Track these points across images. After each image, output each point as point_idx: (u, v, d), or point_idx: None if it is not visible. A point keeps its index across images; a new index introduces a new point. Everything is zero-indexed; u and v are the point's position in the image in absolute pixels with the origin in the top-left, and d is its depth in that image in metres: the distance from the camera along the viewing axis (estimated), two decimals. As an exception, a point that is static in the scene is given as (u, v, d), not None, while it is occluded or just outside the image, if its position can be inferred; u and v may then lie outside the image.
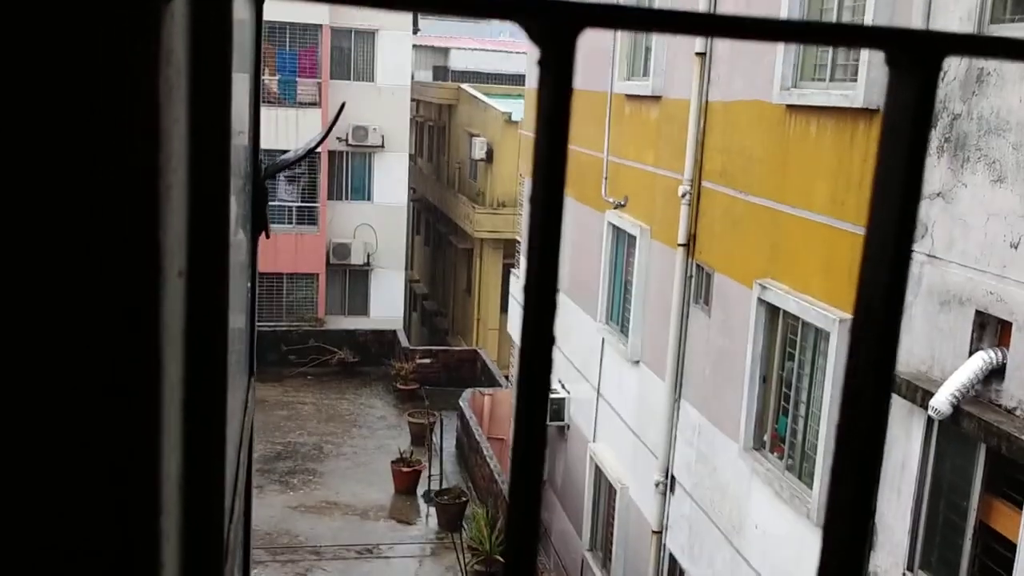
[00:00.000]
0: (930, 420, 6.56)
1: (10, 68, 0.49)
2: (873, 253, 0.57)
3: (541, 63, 0.50)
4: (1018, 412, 5.92)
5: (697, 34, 0.53)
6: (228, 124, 0.78)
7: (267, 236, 1.82)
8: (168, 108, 0.54)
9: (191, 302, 0.69)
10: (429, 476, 17.83)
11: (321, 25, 25.79)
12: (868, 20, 7.38)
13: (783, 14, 8.62)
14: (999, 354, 6.10)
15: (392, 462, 18.09)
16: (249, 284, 1.70)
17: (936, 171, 6.73)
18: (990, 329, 6.28)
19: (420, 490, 17.86)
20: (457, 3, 0.52)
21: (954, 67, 6.58)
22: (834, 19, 8.18)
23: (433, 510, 16.98)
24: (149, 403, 0.54)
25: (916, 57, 0.54)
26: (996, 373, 6.11)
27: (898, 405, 6.95)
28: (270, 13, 26.06)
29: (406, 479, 17.80)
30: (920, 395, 6.50)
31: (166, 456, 0.59)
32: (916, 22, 6.90)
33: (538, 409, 0.49)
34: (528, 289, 0.50)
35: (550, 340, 0.50)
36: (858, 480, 0.53)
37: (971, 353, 6.26)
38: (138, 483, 0.55)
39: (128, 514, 0.56)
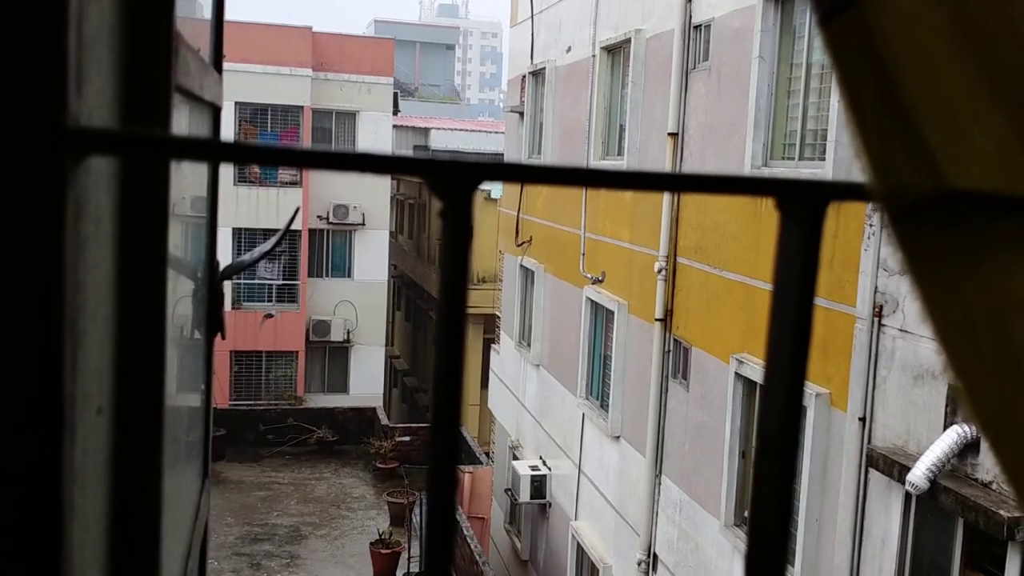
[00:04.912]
0: (908, 495, 6.54)
1: None
2: (770, 384, 0.59)
3: (441, 214, 0.54)
4: (994, 486, 5.92)
5: (587, 186, 0.56)
6: (163, 274, 0.80)
7: (223, 337, 1.83)
8: (81, 257, 0.56)
9: (119, 437, 0.70)
10: (409, 558, 17.51)
11: (303, 107, 26.10)
12: (834, 102, 7.56)
13: (751, 97, 8.82)
14: (974, 428, 6.12)
15: (371, 544, 17.78)
16: (204, 386, 1.71)
17: (904, 247, 6.84)
18: (963, 403, 6.30)
19: (400, 572, 17.52)
20: (371, 162, 0.55)
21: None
22: (800, 103, 8.37)
23: (413, 593, 16.67)
24: (53, 555, 0.54)
25: (803, 204, 0.57)
26: (971, 447, 6.12)
27: (876, 480, 6.93)
28: (252, 95, 26.17)
29: (385, 561, 17.47)
30: (897, 470, 6.50)
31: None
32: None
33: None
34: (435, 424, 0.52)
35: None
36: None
37: (946, 427, 6.28)
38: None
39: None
